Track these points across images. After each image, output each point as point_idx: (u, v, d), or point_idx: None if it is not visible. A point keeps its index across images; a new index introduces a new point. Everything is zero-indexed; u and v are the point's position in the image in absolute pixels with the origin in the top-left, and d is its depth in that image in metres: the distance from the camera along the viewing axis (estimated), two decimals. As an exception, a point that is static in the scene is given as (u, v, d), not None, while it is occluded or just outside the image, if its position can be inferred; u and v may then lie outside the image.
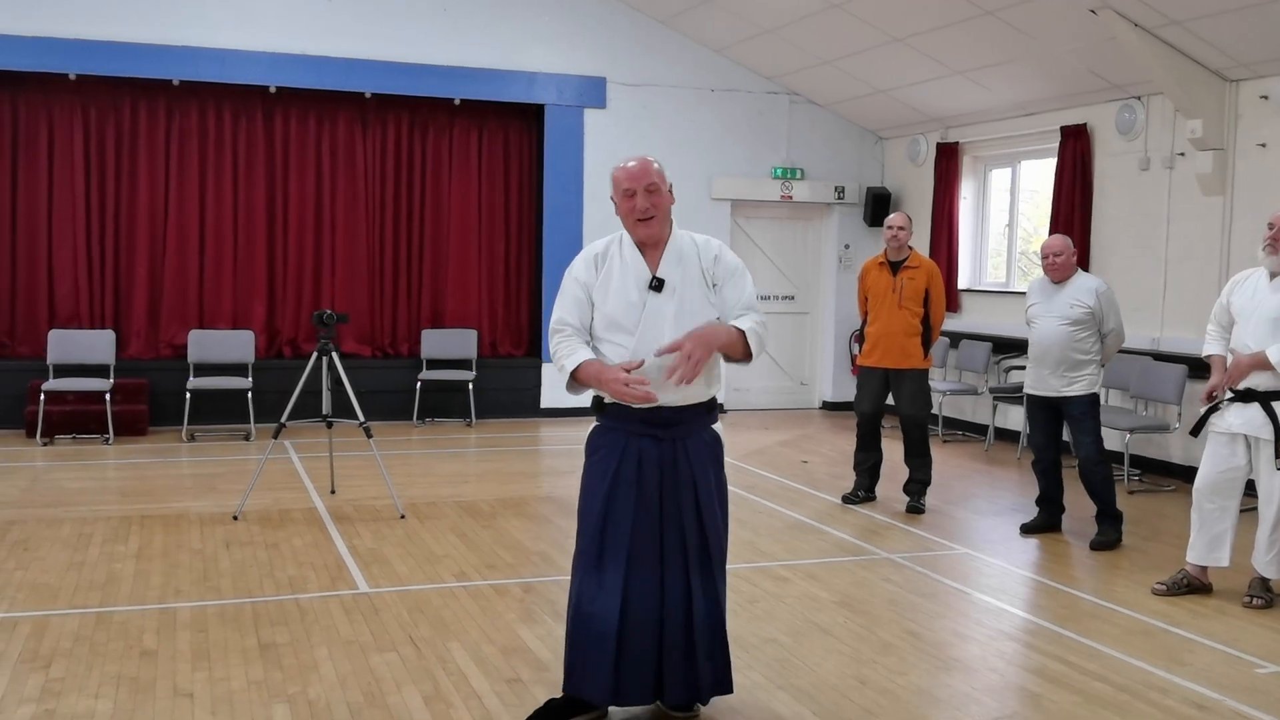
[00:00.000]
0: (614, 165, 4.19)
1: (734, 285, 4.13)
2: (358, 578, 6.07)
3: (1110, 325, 7.04)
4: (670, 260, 4.08)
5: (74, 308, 10.95)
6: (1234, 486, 5.91)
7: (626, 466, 4.04)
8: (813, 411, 13.24)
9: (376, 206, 11.82)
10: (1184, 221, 9.34)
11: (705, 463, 4.11)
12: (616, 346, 4.03)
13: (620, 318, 4.04)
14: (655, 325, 4.01)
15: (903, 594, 5.99)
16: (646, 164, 4.09)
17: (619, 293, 4.06)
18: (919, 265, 7.95)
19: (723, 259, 4.16)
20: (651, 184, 4.04)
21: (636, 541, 4.02)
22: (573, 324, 4.08)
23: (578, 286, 4.11)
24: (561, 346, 4.06)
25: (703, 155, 12.39)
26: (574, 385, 4.08)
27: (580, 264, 4.15)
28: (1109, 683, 4.74)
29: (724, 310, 4.10)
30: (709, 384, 4.12)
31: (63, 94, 10.78)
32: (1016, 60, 9.94)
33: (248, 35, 10.92)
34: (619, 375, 3.88)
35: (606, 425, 4.14)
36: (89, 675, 4.60)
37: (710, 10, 11.33)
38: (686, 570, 4.06)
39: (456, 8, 11.57)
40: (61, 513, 7.43)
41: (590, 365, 3.98)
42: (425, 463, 9.62)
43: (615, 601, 3.98)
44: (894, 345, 7.88)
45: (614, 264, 4.10)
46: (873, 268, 8.12)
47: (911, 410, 7.94)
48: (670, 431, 4.06)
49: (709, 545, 4.09)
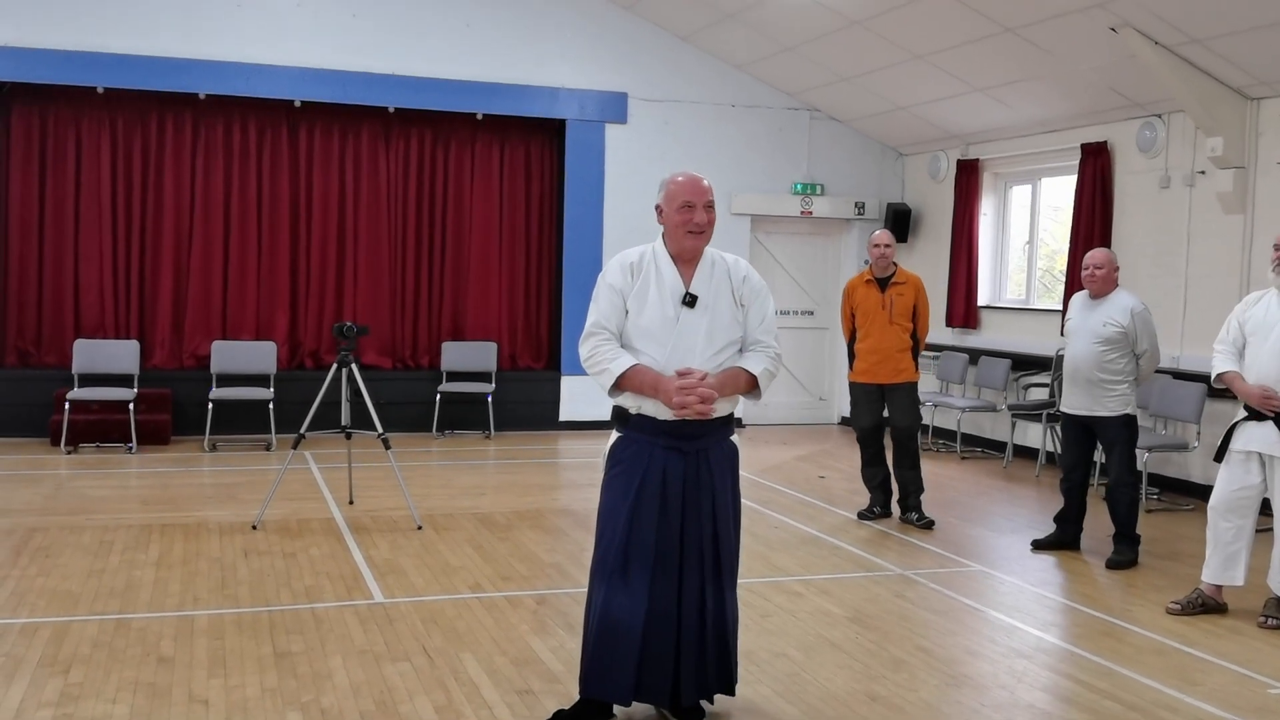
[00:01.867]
0: (668, 176, 4.28)
1: (758, 307, 4.26)
2: (373, 588, 6.12)
3: (1144, 346, 6.98)
4: (703, 277, 4.20)
5: (99, 318, 11.08)
6: (1249, 505, 5.89)
7: (651, 479, 4.13)
8: (831, 427, 13.23)
9: (399, 220, 11.92)
10: (1205, 240, 9.32)
11: (725, 472, 4.25)
12: (646, 357, 4.12)
13: (655, 329, 4.14)
14: (688, 339, 4.12)
15: (915, 610, 5.99)
16: (702, 180, 4.21)
17: (655, 305, 4.15)
18: (906, 281, 8.05)
19: (750, 280, 4.27)
20: (709, 201, 4.18)
21: (660, 549, 4.12)
22: (610, 328, 4.17)
23: (614, 293, 4.19)
24: (601, 349, 4.13)
25: (723, 171, 12.43)
26: (615, 390, 4.15)
27: (616, 271, 4.23)
28: (1120, 701, 4.73)
29: (746, 330, 4.22)
30: (731, 401, 4.24)
31: (91, 107, 10.93)
32: (1037, 77, 9.95)
33: (273, 50, 11.05)
34: (680, 383, 3.98)
35: (630, 437, 4.20)
36: (107, 681, 4.66)
37: (731, 27, 11.39)
38: (702, 576, 4.17)
39: (479, 23, 11.68)
40: (84, 520, 7.52)
41: (644, 372, 4.07)
42: (443, 474, 9.68)
43: (641, 606, 4.08)
44: (887, 361, 7.98)
45: (649, 275, 4.19)
46: (859, 285, 8.18)
47: (905, 422, 8.03)
48: (694, 444, 4.16)
49: (720, 552, 4.21)
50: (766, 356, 4.21)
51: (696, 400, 3.97)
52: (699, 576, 4.17)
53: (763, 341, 4.23)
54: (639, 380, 4.07)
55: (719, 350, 4.15)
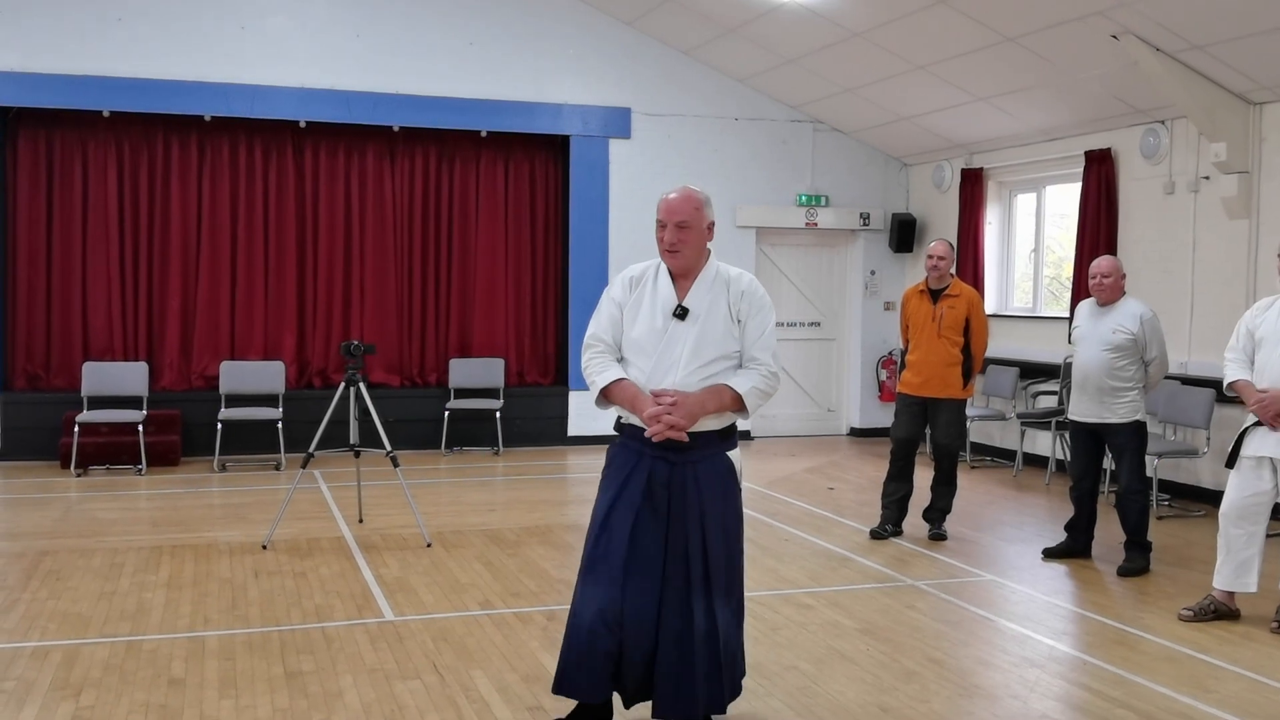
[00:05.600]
0: (661, 192, 4.29)
1: (756, 322, 4.20)
2: (383, 606, 6.12)
3: (1153, 353, 6.96)
4: (699, 291, 4.18)
5: (108, 341, 11.12)
6: (1261, 511, 5.87)
7: (634, 482, 4.14)
8: (840, 438, 13.21)
9: (405, 238, 11.95)
10: (1209, 245, 9.31)
11: (715, 491, 4.17)
12: (636, 370, 4.15)
13: (644, 342, 4.16)
14: (673, 352, 4.12)
15: (927, 621, 5.98)
16: (686, 200, 4.17)
17: (646, 317, 4.17)
18: (959, 294, 7.83)
19: (750, 295, 4.22)
20: (681, 220, 4.14)
21: (634, 551, 4.09)
22: (606, 340, 4.22)
23: (613, 305, 4.25)
24: (594, 362, 4.20)
25: (727, 183, 12.46)
26: (603, 401, 4.20)
27: (618, 284, 4.29)
28: (1133, 710, 4.72)
29: (743, 345, 4.20)
30: (720, 417, 4.18)
31: (97, 131, 10.99)
32: (1039, 86, 9.96)
33: (278, 71, 11.11)
34: (650, 410, 4.01)
35: (623, 442, 4.25)
36: (118, 703, 4.66)
37: (733, 41, 11.43)
38: (689, 592, 4.10)
39: (482, 41, 11.72)
40: (94, 543, 7.53)
41: (626, 387, 4.11)
42: (452, 491, 9.68)
43: (610, 608, 4.05)
44: (934, 375, 7.78)
45: (647, 288, 4.22)
46: (913, 295, 8.03)
47: (945, 439, 7.87)
48: (683, 456, 4.13)
49: (709, 569, 4.12)
50: (759, 375, 4.14)
51: (664, 427, 3.98)
52: (684, 594, 4.09)
53: (758, 359, 4.17)
54: (621, 395, 4.12)
55: (706, 364, 4.11)
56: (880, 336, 13.20)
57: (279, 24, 11.17)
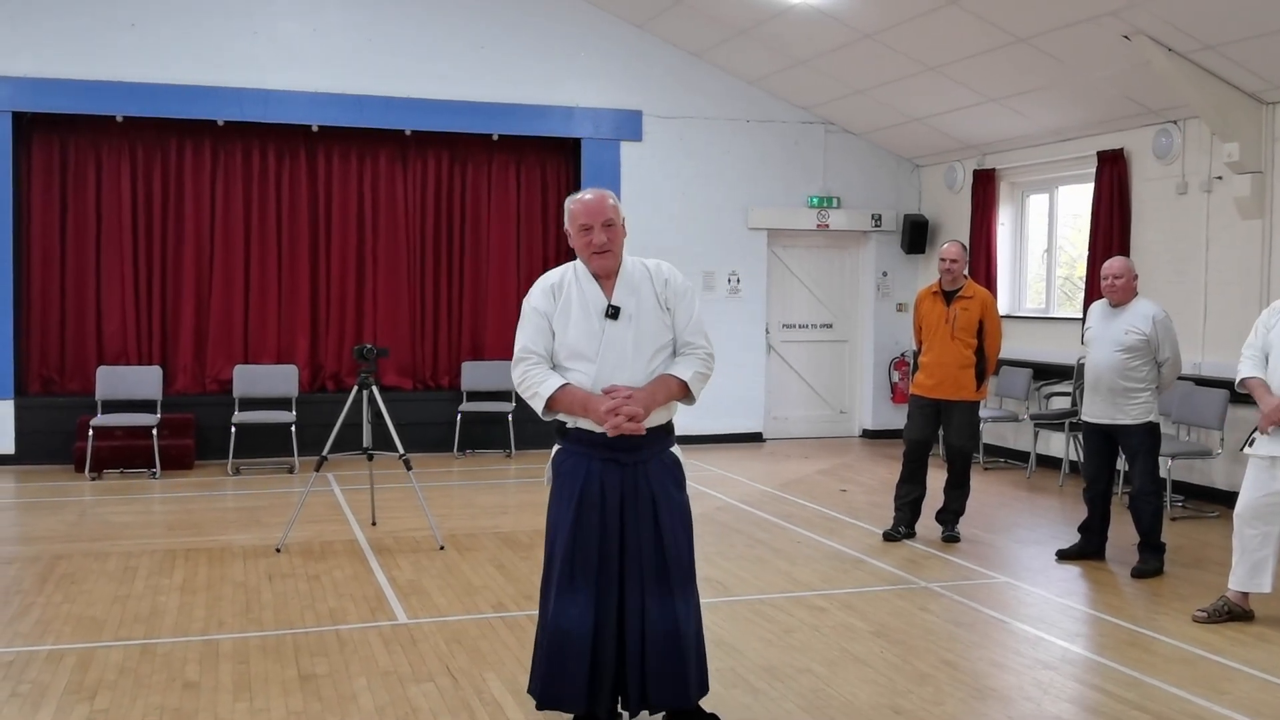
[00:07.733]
0: (570, 199, 4.29)
1: (684, 306, 4.25)
2: (397, 609, 6.14)
3: (1166, 354, 6.94)
4: (624, 288, 4.20)
5: (122, 345, 11.17)
6: (1275, 511, 5.85)
7: (590, 490, 4.15)
8: (852, 440, 13.19)
9: (417, 241, 11.98)
10: (1223, 245, 9.28)
11: (666, 484, 4.22)
12: (578, 374, 4.14)
13: (581, 346, 4.15)
14: (615, 352, 4.13)
15: (940, 623, 5.97)
16: (603, 200, 4.21)
17: (579, 321, 4.17)
18: (973, 296, 7.81)
19: (672, 282, 4.26)
20: (608, 219, 4.16)
21: (603, 560, 4.12)
22: (538, 352, 4.19)
23: (538, 316, 4.22)
24: (531, 373, 4.17)
25: (739, 185, 12.46)
26: (548, 411, 4.19)
27: (538, 294, 4.26)
28: (1147, 711, 4.70)
29: (675, 332, 4.23)
30: (668, 409, 4.23)
31: (110, 136, 11.04)
32: (1051, 87, 9.94)
33: (290, 76, 11.15)
34: (607, 405, 4.01)
35: (569, 449, 4.24)
36: (133, 707, 4.68)
37: (745, 43, 11.43)
38: (643, 587, 4.13)
39: (493, 45, 11.75)
40: (108, 546, 7.56)
41: (574, 392, 4.11)
42: (465, 494, 9.70)
43: (589, 616, 4.08)
44: (947, 377, 7.77)
45: (571, 293, 4.21)
46: (926, 297, 8.02)
47: (958, 441, 7.85)
48: (632, 455, 4.16)
49: (668, 564, 4.15)
50: (697, 359, 4.20)
51: (624, 420, 3.99)
52: (639, 587, 4.13)
53: (692, 343, 4.22)
54: (569, 400, 4.11)
55: (649, 358, 4.15)
56: (892, 338, 13.18)
57: (291, 29, 11.21)
